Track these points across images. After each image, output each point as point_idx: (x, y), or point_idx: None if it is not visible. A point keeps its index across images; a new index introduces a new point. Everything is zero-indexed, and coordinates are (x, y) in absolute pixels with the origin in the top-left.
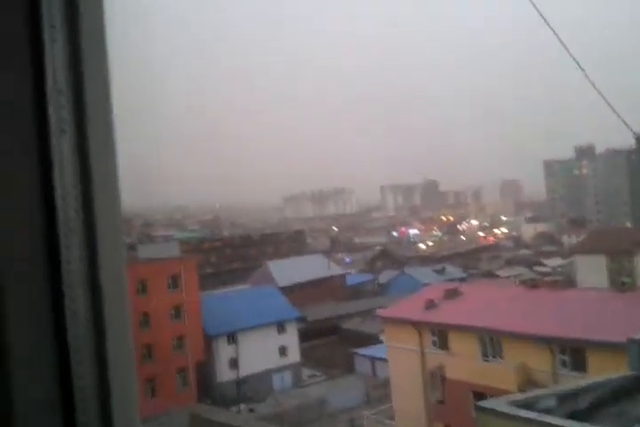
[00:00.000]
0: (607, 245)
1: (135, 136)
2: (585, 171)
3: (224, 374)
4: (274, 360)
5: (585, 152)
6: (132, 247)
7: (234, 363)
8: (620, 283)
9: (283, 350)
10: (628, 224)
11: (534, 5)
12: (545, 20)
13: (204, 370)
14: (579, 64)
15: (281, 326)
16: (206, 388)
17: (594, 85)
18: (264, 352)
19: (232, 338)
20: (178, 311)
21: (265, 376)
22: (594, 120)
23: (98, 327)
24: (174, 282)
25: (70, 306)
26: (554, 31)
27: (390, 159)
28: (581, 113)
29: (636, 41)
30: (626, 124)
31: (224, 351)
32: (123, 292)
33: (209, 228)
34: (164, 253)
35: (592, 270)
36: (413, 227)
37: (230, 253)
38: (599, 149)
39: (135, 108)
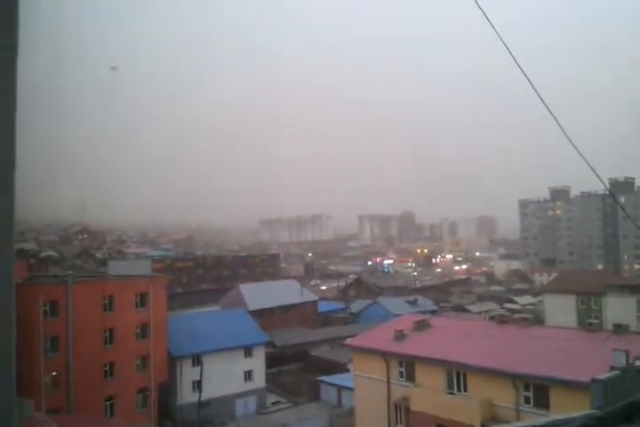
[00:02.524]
0: (577, 285)
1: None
2: (559, 212)
3: (186, 397)
4: (238, 385)
5: (559, 194)
6: (102, 263)
7: (197, 385)
8: (587, 323)
9: (248, 375)
10: (600, 267)
11: (515, 60)
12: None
13: (167, 392)
14: (552, 113)
15: (248, 351)
16: (167, 410)
17: (565, 134)
18: (229, 376)
19: (197, 360)
20: (144, 330)
21: (228, 401)
22: (570, 163)
23: None
24: (142, 300)
25: None
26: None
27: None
28: (558, 154)
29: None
30: (596, 174)
31: (188, 373)
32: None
33: (182, 247)
34: (135, 271)
35: (561, 310)
36: (388, 257)
37: (202, 273)
38: (574, 191)
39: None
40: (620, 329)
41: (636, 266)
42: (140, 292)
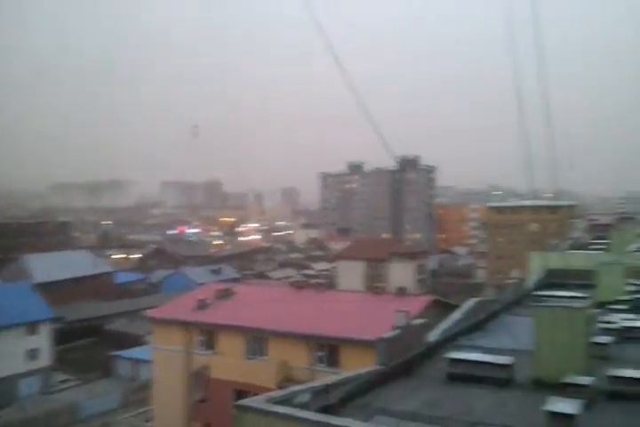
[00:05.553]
0: (366, 253)
1: None
2: (355, 185)
3: None
4: (21, 364)
5: (356, 169)
6: None
7: None
8: (374, 287)
9: (33, 354)
10: (386, 236)
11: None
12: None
13: None
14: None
15: (32, 327)
16: None
17: (367, 113)
18: (9, 356)
19: None
20: None
21: (10, 382)
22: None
23: None
24: None
25: None
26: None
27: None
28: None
29: None
30: (388, 148)
31: None
32: None
33: None
34: None
35: (352, 275)
36: (193, 226)
37: None
38: (370, 167)
39: None
40: (401, 291)
41: (417, 235)
42: None
